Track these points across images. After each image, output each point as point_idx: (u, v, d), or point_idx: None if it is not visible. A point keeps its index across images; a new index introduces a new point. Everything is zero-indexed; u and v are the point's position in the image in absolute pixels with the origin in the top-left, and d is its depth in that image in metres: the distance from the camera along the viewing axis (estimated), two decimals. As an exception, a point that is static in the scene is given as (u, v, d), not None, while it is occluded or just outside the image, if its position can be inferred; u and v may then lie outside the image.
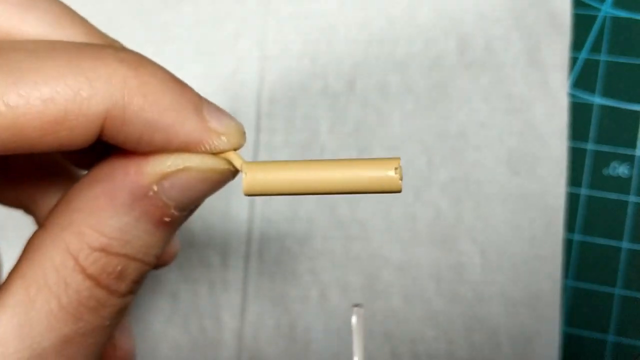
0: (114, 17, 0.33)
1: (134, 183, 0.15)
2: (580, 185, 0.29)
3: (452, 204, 0.30)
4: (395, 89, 0.30)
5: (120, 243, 0.15)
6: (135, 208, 0.15)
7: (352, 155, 0.30)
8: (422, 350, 0.29)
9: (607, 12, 0.30)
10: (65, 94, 0.14)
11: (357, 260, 0.30)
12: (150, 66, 0.15)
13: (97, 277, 0.15)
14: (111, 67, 0.14)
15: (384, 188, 0.15)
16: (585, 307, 0.29)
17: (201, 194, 0.16)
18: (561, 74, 0.29)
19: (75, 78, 0.14)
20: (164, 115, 0.15)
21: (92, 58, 0.14)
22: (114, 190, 0.15)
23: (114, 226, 0.15)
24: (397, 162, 0.15)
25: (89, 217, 0.15)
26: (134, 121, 0.14)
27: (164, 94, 0.15)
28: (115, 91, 0.14)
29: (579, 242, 0.29)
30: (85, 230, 0.15)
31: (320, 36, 0.31)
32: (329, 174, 0.15)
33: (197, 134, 0.15)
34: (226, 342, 0.31)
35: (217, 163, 0.16)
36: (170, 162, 0.15)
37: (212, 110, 0.16)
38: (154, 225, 0.16)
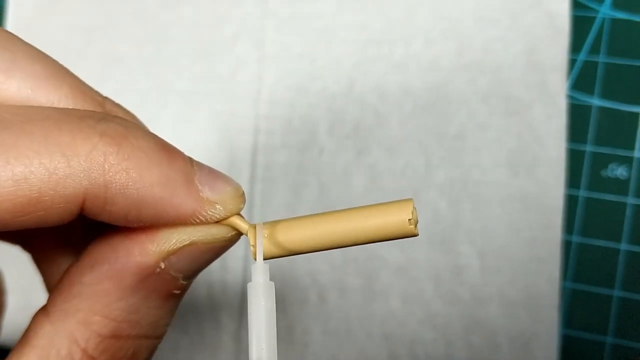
0: (114, 18, 0.33)
1: (139, 264, 0.14)
2: (578, 186, 0.29)
3: (450, 206, 0.30)
4: (394, 91, 0.30)
5: (130, 325, 0.14)
6: (142, 287, 0.14)
7: (350, 157, 0.30)
8: (420, 352, 0.29)
9: (606, 13, 0.30)
10: (40, 173, 0.12)
11: (355, 262, 0.30)
12: (135, 137, 0.14)
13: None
14: (91, 143, 0.13)
15: (399, 235, 0.14)
16: (583, 309, 0.29)
17: (209, 261, 0.15)
18: (560, 76, 0.29)
19: (51, 156, 0.13)
20: (150, 191, 0.13)
21: (70, 132, 0.13)
22: (118, 272, 0.14)
23: (122, 309, 0.14)
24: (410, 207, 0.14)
25: (95, 304, 0.14)
26: (118, 200, 0.13)
27: (150, 167, 0.13)
28: (95, 170, 0.13)
29: (578, 243, 0.29)
30: (92, 318, 0.14)
31: (318, 37, 0.31)
32: (341, 228, 0.15)
33: (189, 206, 0.14)
34: (225, 344, 0.31)
35: (222, 232, 0.15)
36: (175, 239, 0.14)
37: (205, 176, 0.15)
38: (163, 299, 0.15)
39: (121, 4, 0.33)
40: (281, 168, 0.31)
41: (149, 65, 0.33)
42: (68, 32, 0.33)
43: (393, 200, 0.15)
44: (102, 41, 0.33)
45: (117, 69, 0.33)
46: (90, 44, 0.33)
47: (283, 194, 0.31)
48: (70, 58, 0.34)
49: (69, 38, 0.33)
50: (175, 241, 0.14)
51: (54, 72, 0.15)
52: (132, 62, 0.33)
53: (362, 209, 0.15)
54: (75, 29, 0.33)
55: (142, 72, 0.32)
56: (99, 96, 0.16)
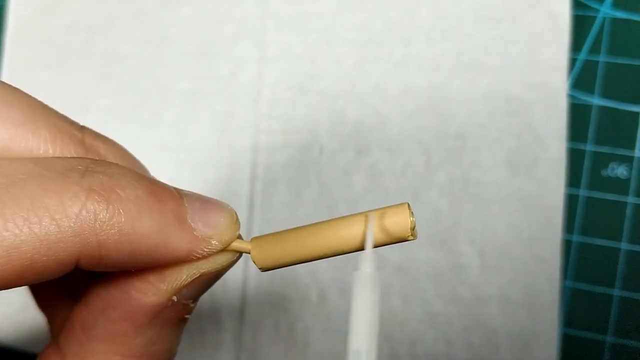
0: (115, 18, 0.33)
1: (153, 302, 0.14)
2: (579, 186, 0.29)
3: (450, 205, 0.30)
4: (394, 91, 0.30)
5: (149, 357, 0.15)
6: (157, 322, 0.15)
7: (351, 156, 0.30)
8: (421, 351, 0.29)
9: (606, 13, 0.30)
10: (31, 241, 0.12)
11: (356, 261, 0.30)
12: (122, 187, 0.13)
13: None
14: (79, 202, 0.13)
15: (399, 239, 0.15)
16: (583, 308, 0.29)
17: (215, 281, 0.16)
18: (560, 75, 0.29)
19: (41, 222, 0.12)
20: (144, 241, 0.13)
21: (57, 192, 0.13)
22: (133, 313, 0.14)
23: (139, 345, 0.15)
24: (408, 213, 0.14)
25: (112, 345, 0.14)
26: (112, 255, 0.13)
27: (141, 218, 0.13)
28: (86, 230, 0.13)
29: (578, 243, 0.29)
30: (111, 358, 0.14)
31: (319, 38, 0.31)
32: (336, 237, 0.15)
33: (185, 247, 0.14)
34: (225, 343, 0.31)
35: (227, 258, 0.15)
36: (185, 275, 0.15)
37: (197, 210, 0.14)
38: (176, 325, 0.15)
39: (122, 4, 0.33)
40: (282, 168, 0.31)
41: (149, 65, 0.33)
42: (69, 32, 0.33)
43: (388, 206, 0.15)
44: (103, 41, 0.33)
45: (118, 68, 0.33)
46: (91, 44, 0.33)
47: (283, 193, 0.31)
48: (71, 58, 0.34)
49: (69, 38, 0.33)
50: (186, 277, 0.15)
51: (31, 116, 0.15)
52: (133, 62, 0.33)
53: (359, 216, 0.15)
54: (76, 28, 0.33)
55: (143, 71, 0.33)
56: (77, 131, 0.16)
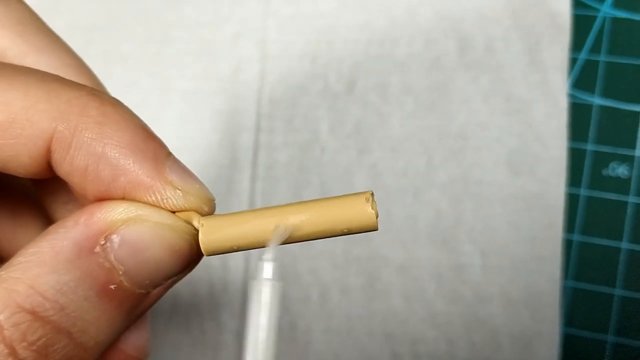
0: (115, 18, 0.33)
1: (80, 234, 0.13)
2: (579, 185, 0.29)
3: (452, 205, 0.30)
4: (395, 90, 0.31)
5: (54, 307, 0.13)
6: (78, 265, 0.13)
7: (352, 156, 0.30)
8: (422, 351, 0.29)
9: (607, 12, 0.30)
10: (22, 102, 0.13)
11: (357, 261, 0.30)
12: (122, 107, 0.14)
13: (13, 344, 0.13)
14: (77, 93, 0.14)
15: (361, 229, 0.13)
16: (584, 308, 0.29)
17: (154, 264, 0.14)
18: (561, 75, 0.29)
19: (36, 92, 0.13)
20: (116, 149, 0.13)
21: (64, 84, 0.14)
22: (59, 242, 0.13)
23: (51, 285, 0.13)
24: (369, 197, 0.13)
25: (26, 272, 0.13)
26: (82, 148, 0.13)
27: (124, 131, 0.14)
28: (71, 112, 0.13)
29: (579, 242, 0.29)
30: (16, 286, 0.13)
31: (320, 37, 0.31)
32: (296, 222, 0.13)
33: (149, 178, 0.14)
34: (226, 343, 0.31)
35: (173, 220, 0.14)
36: (122, 209, 0.14)
37: (178, 167, 0.14)
38: (97, 293, 0.13)
39: (123, 3, 0.33)
40: (282, 167, 0.31)
41: (150, 65, 0.33)
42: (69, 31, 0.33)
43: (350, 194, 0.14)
44: (103, 40, 0.33)
45: (119, 68, 0.33)
46: (92, 44, 0.33)
47: (284, 193, 0.31)
48: (71, 57, 0.34)
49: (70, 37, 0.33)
50: (122, 210, 0.14)
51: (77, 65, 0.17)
52: (133, 62, 0.33)
53: (318, 201, 0.14)
54: (77, 28, 0.33)
55: (144, 71, 0.33)
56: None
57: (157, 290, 0.15)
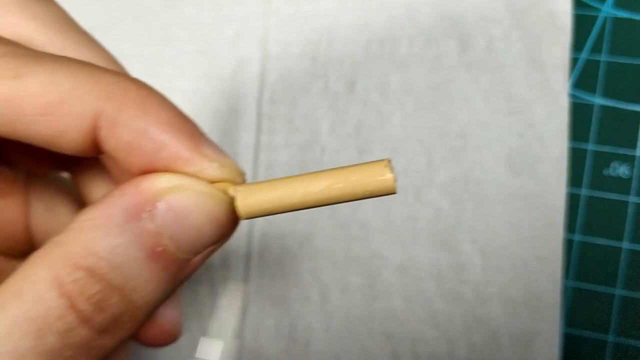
0: (116, 18, 0.33)
1: (129, 201, 0.15)
2: (580, 185, 0.29)
3: (452, 205, 0.30)
4: (396, 90, 0.30)
5: (108, 265, 0.14)
6: (128, 230, 0.15)
7: (352, 156, 0.30)
8: (422, 351, 0.29)
9: (608, 12, 0.30)
10: (70, 83, 0.15)
11: (357, 261, 0.30)
12: (157, 92, 0.16)
13: (72, 297, 0.14)
14: (118, 77, 0.15)
15: (380, 193, 0.15)
16: (585, 308, 0.29)
17: (196, 230, 0.15)
18: (562, 75, 0.29)
19: (82, 76, 0.15)
20: (156, 126, 0.15)
21: (105, 71, 0.16)
22: (109, 209, 0.15)
23: (104, 246, 0.14)
24: (387, 163, 0.15)
25: (80, 235, 0.15)
26: (127, 124, 0.15)
27: (163, 110, 0.15)
28: (115, 93, 0.15)
29: (579, 242, 0.29)
30: (74, 248, 0.14)
31: (320, 36, 0.31)
32: (321, 189, 0.15)
33: (187, 151, 0.15)
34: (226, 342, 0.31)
35: (212, 189, 0.15)
36: (166, 179, 0.15)
37: (211, 143, 0.16)
38: (146, 255, 0.15)
39: (123, 3, 0.33)
40: (283, 167, 0.31)
41: (151, 65, 0.33)
42: (70, 31, 0.33)
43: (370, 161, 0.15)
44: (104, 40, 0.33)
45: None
46: (92, 44, 0.33)
47: (285, 193, 0.31)
48: (72, 57, 0.34)
49: (71, 37, 0.33)
50: (166, 180, 0.15)
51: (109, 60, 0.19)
52: (134, 61, 0.33)
53: (342, 168, 0.15)
54: (77, 28, 0.33)
55: (144, 71, 0.33)
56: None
57: (197, 259, 0.16)
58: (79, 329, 0.14)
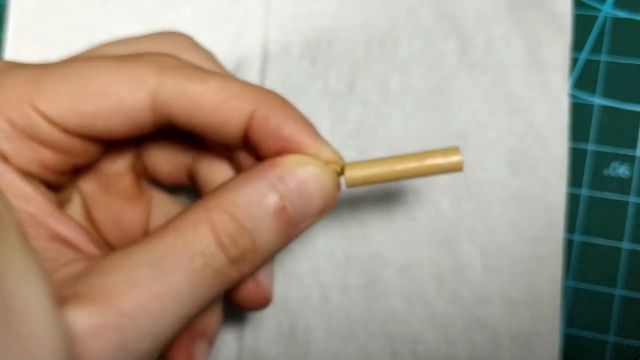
0: (115, 18, 0.33)
1: (265, 171, 0.20)
2: (580, 185, 0.29)
3: (452, 205, 0.30)
4: (396, 90, 0.30)
5: (245, 214, 0.19)
6: (262, 192, 0.19)
7: (352, 156, 0.30)
8: (422, 351, 0.29)
9: (608, 12, 0.30)
10: (236, 89, 0.21)
11: (357, 261, 0.30)
12: (292, 104, 0.22)
13: (218, 232, 0.19)
14: (268, 90, 0.21)
15: (450, 172, 0.21)
16: (585, 308, 0.29)
17: (309, 198, 0.20)
18: (562, 75, 0.29)
19: (243, 85, 0.21)
20: (293, 122, 0.21)
21: (258, 86, 0.21)
22: (252, 175, 0.20)
23: (246, 202, 0.19)
24: (459, 152, 0.20)
25: (229, 194, 0.19)
26: (274, 119, 0.20)
27: (296, 114, 0.21)
28: (266, 100, 0.21)
29: (580, 242, 0.29)
30: (223, 200, 0.19)
31: (320, 36, 0.31)
32: (409, 167, 0.21)
33: (311, 139, 0.21)
34: (227, 343, 0.31)
35: (326, 167, 0.21)
36: (295, 157, 0.20)
37: (324, 138, 0.21)
38: (272, 213, 0.20)
39: (123, 3, 0.33)
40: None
41: (150, 65, 0.33)
42: (70, 32, 0.33)
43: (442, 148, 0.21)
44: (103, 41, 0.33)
45: (119, 68, 0.33)
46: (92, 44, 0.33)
47: (285, 193, 0.31)
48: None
49: (70, 38, 0.33)
50: (295, 158, 0.20)
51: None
52: (133, 62, 0.33)
53: (421, 154, 0.21)
54: (77, 28, 0.33)
55: (144, 71, 0.33)
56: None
57: (302, 226, 0.21)
58: (218, 255, 0.19)
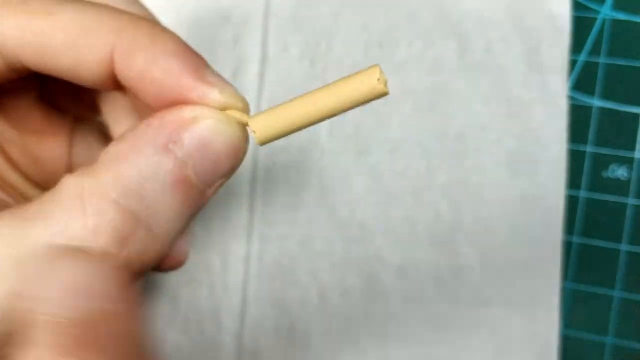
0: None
1: (155, 133, 0.16)
2: (579, 187, 0.29)
3: (451, 206, 0.30)
4: (394, 91, 0.30)
5: (135, 196, 0.15)
6: (155, 161, 0.15)
7: (351, 158, 0.30)
8: (422, 352, 0.29)
9: (607, 14, 0.30)
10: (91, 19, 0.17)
11: (356, 262, 0.30)
12: (168, 29, 0.17)
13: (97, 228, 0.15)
14: (133, 16, 0.17)
15: (375, 96, 0.16)
16: (584, 310, 0.29)
17: (216, 158, 0.16)
18: (560, 77, 0.29)
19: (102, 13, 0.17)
20: (165, 56, 0.16)
21: (122, 12, 0.17)
22: (137, 141, 0.16)
23: (132, 176, 0.15)
24: (377, 71, 0.16)
25: (111, 167, 0.15)
26: (139, 55, 0.16)
27: (171, 43, 0.16)
28: (129, 28, 0.16)
29: (578, 244, 0.29)
30: (104, 179, 0.15)
31: (320, 38, 0.31)
32: (325, 102, 0.16)
33: (191, 78, 0.16)
34: (226, 344, 0.31)
35: (226, 117, 0.16)
36: (189, 110, 0.16)
37: (215, 73, 0.17)
38: (170, 185, 0.16)
39: (122, 4, 0.33)
40: (282, 169, 0.31)
41: (150, 66, 0.33)
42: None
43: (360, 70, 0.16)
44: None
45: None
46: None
47: (284, 195, 0.31)
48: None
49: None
50: (189, 111, 0.16)
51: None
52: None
53: (337, 83, 0.16)
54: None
55: (143, 72, 0.33)
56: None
57: (209, 192, 0.17)
58: (105, 258, 0.15)
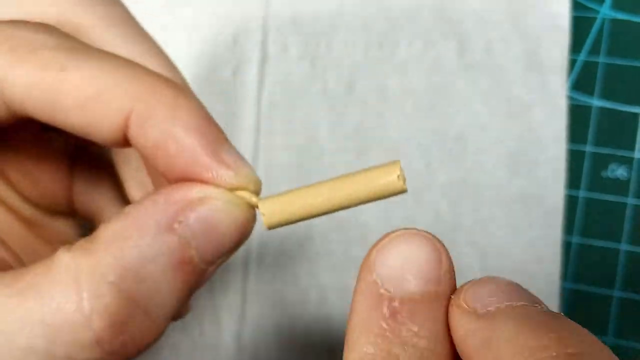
0: (113, 19, 0.33)
1: (161, 212, 0.15)
2: (579, 187, 0.29)
3: (451, 207, 0.30)
4: (395, 92, 0.31)
5: (135, 278, 0.14)
6: (158, 241, 0.15)
7: (351, 158, 0.30)
8: (421, 352, 0.29)
9: (606, 14, 0.30)
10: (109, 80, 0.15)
11: (356, 263, 0.30)
12: (193, 97, 0.16)
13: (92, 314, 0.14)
14: (155, 79, 0.16)
15: (391, 193, 0.16)
16: (583, 309, 0.29)
17: (221, 239, 0.16)
18: (560, 76, 0.29)
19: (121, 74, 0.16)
20: (182, 129, 0.15)
21: (145, 71, 0.16)
22: (140, 219, 0.15)
23: (133, 257, 0.14)
24: (398, 167, 0.15)
25: (111, 245, 0.14)
26: (155, 124, 0.15)
27: (191, 115, 0.15)
28: (149, 94, 0.15)
29: (578, 244, 0.29)
30: (103, 259, 0.14)
31: (319, 38, 0.31)
32: (339, 193, 0.16)
33: (207, 157, 0.15)
34: (226, 345, 0.31)
35: (236, 198, 0.16)
36: (197, 190, 0.15)
37: (232, 151, 0.16)
38: (172, 267, 0.15)
39: (121, 4, 0.33)
40: (282, 169, 0.31)
41: (149, 66, 0.33)
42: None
43: (380, 164, 0.16)
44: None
45: (118, 70, 0.33)
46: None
47: (284, 194, 0.31)
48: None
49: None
50: (197, 192, 0.15)
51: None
52: (132, 63, 0.33)
53: (355, 174, 0.16)
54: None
55: (143, 73, 0.33)
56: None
57: (212, 269, 0.16)
58: (92, 348, 0.14)
